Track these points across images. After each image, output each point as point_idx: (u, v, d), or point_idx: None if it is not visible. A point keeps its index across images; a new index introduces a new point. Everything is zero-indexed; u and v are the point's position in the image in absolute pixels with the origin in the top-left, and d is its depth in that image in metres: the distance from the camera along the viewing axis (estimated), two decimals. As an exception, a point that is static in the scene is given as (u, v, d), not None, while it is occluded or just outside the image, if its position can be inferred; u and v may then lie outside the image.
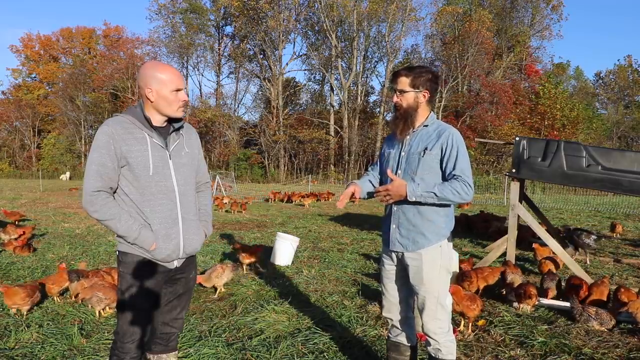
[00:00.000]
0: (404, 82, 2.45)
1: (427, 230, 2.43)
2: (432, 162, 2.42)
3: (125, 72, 39.98)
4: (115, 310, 2.39)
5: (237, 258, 5.93)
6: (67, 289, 4.53)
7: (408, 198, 2.36)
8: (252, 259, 5.82)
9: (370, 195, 2.70)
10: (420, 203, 2.38)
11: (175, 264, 2.35)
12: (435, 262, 2.44)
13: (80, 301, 4.23)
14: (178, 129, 2.36)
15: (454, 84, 37.72)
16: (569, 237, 6.75)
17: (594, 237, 6.53)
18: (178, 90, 2.25)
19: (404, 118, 2.47)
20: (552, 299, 4.52)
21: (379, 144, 36.15)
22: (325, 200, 17.76)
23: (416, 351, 2.76)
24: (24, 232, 7.36)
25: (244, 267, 5.82)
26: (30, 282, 4.46)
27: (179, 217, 2.31)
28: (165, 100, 2.23)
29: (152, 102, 2.23)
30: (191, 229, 2.37)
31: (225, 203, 14.16)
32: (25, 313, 4.04)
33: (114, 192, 2.24)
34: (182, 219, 2.33)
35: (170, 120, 2.33)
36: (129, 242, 2.22)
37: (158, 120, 2.29)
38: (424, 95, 2.47)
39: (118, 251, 2.30)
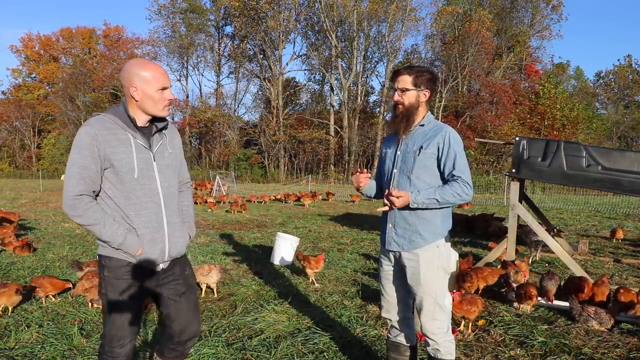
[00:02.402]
0: (406, 80, 2.44)
1: (424, 229, 2.43)
2: (428, 161, 2.42)
3: (125, 72, 39.89)
4: (102, 312, 2.32)
5: (301, 267, 5.44)
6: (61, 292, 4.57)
7: (410, 205, 2.38)
8: (318, 268, 5.33)
9: (374, 195, 2.72)
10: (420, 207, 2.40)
11: (161, 266, 2.28)
12: (433, 262, 2.44)
13: (90, 303, 4.24)
14: (161, 129, 2.28)
15: (454, 84, 37.72)
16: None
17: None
18: (164, 88, 2.17)
19: (406, 117, 2.47)
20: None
21: (379, 144, 36.13)
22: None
23: (416, 351, 2.76)
24: (6, 231, 7.32)
25: (312, 278, 5.30)
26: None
27: (164, 220, 2.24)
28: (151, 99, 2.14)
29: (137, 101, 2.14)
30: (175, 232, 2.30)
31: (213, 202, 14.13)
32: None
33: (96, 195, 2.16)
34: (167, 222, 2.26)
35: (153, 120, 2.25)
36: (112, 247, 2.15)
37: (142, 120, 2.20)
38: (425, 95, 2.47)
39: (101, 255, 2.21)
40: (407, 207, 2.41)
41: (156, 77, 2.15)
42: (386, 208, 2.46)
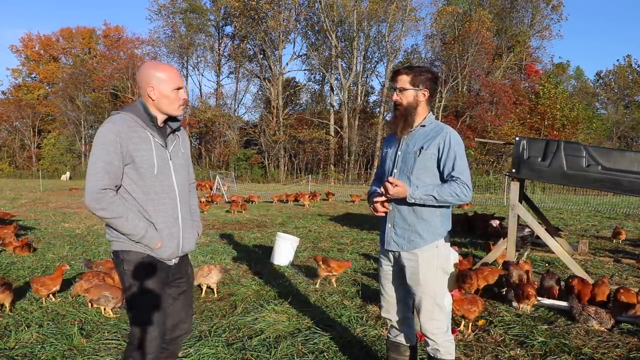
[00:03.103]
0: (404, 80, 2.45)
1: (423, 229, 2.43)
2: (428, 162, 2.42)
3: (125, 72, 39.95)
4: (126, 310, 2.33)
5: (318, 271, 5.20)
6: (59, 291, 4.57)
7: (407, 199, 2.37)
8: (337, 272, 5.14)
9: None
10: (417, 203, 2.39)
11: (174, 261, 2.37)
12: (432, 262, 2.44)
13: (90, 303, 4.24)
14: (174, 130, 2.38)
15: (454, 84, 37.71)
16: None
17: (528, 230, 6.52)
18: (179, 88, 2.28)
19: (404, 116, 2.47)
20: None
21: (379, 144, 36.14)
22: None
23: (416, 351, 2.76)
24: (6, 231, 7.32)
25: (333, 282, 5.17)
26: None
27: (179, 216, 2.34)
28: (167, 98, 2.25)
29: (153, 100, 2.25)
30: (187, 228, 2.40)
31: (204, 202, 14.08)
32: None
33: (117, 190, 2.24)
34: (182, 219, 2.36)
35: (166, 121, 2.35)
36: (133, 240, 2.21)
37: (159, 120, 2.31)
38: (424, 94, 2.47)
39: (117, 250, 2.26)
40: (404, 202, 2.41)
41: (172, 77, 2.26)
42: (382, 199, 2.45)
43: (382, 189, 2.42)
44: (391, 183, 2.36)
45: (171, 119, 2.35)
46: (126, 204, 2.21)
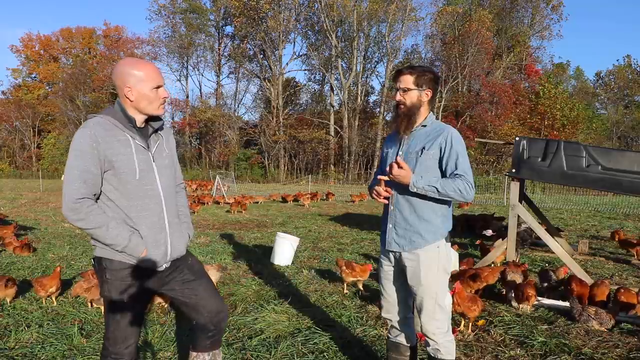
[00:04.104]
0: (408, 80, 2.44)
1: (424, 229, 2.42)
2: (430, 162, 2.41)
3: (125, 72, 39.91)
4: (103, 314, 2.29)
5: (340, 274, 5.05)
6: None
7: (409, 188, 2.35)
8: (359, 278, 4.91)
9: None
10: (418, 197, 2.39)
11: (164, 266, 2.28)
12: (433, 262, 2.44)
13: (90, 303, 4.23)
14: (157, 130, 2.26)
15: (454, 84, 37.71)
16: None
17: (524, 225, 6.52)
18: (158, 87, 2.15)
19: (408, 116, 2.46)
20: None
21: (379, 144, 36.16)
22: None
23: (416, 351, 2.76)
24: (6, 231, 7.33)
25: (345, 285, 4.94)
26: None
27: (165, 221, 2.23)
28: (146, 98, 2.12)
29: (132, 101, 2.11)
30: (176, 233, 2.29)
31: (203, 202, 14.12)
32: None
33: (97, 198, 2.13)
34: (169, 223, 2.25)
35: (147, 120, 2.22)
36: (116, 250, 2.11)
37: (139, 121, 2.17)
38: (427, 95, 2.46)
39: (99, 257, 2.16)
40: (406, 192, 2.39)
41: (150, 75, 2.12)
42: (385, 177, 2.43)
43: (387, 168, 2.40)
44: (398, 163, 2.33)
45: (153, 118, 2.22)
46: (108, 211, 2.11)
